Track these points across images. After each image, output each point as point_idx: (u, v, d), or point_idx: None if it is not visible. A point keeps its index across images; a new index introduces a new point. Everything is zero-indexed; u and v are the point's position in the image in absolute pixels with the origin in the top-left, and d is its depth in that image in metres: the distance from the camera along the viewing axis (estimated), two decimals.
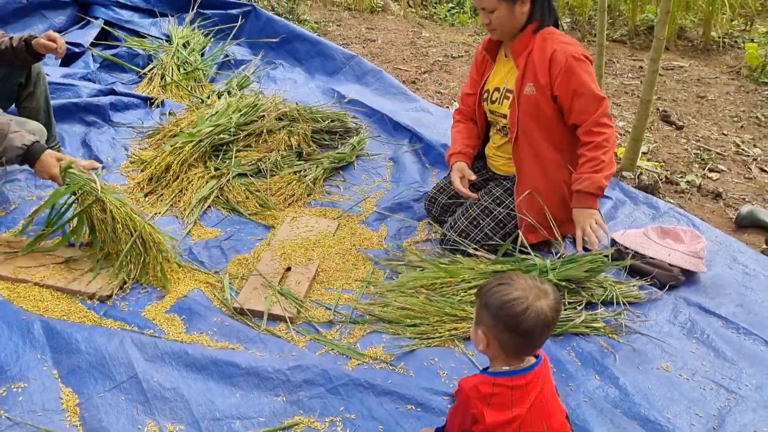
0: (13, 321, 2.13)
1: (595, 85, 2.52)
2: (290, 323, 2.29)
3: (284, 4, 5.98)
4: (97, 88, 3.86)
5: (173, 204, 2.92)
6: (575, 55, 2.49)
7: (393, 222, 2.98)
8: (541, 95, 2.55)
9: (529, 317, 1.53)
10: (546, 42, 2.54)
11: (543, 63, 2.52)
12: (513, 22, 2.56)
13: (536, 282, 1.60)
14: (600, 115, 2.49)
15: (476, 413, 1.57)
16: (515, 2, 2.51)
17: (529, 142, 2.63)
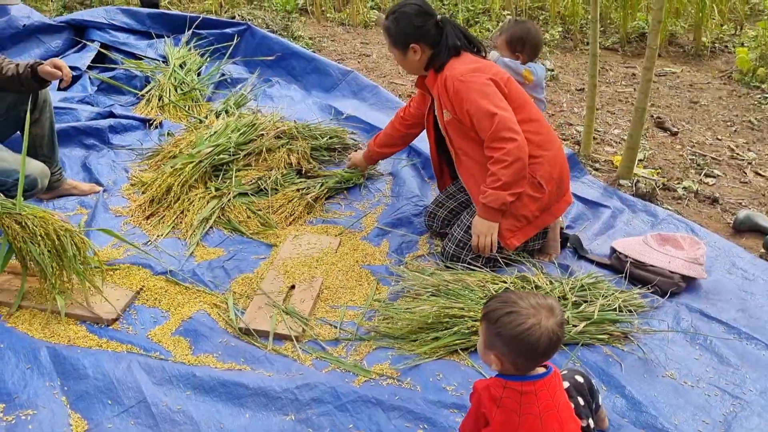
0: (19, 348, 2.14)
1: (488, 101, 2.55)
2: (296, 342, 2.30)
3: (278, 22, 6.02)
4: (95, 111, 3.88)
5: (175, 226, 2.94)
6: (460, 78, 2.60)
7: (394, 237, 3.00)
8: (455, 117, 2.67)
9: (543, 340, 1.59)
10: (444, 71, 2.68)
11: (443, 91, 2.67)
12: (409, 66, 2.80)
13: (539, 299, 1.64)
14: (497, 130, 2.52)
15: (486, 413, 1.63)
16: (405, 52, 2.73)
17: (470, 157, 2.73)
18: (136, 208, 3.04)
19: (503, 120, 2.51)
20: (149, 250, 2.77)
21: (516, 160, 2.53)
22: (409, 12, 2.68)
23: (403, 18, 2.68)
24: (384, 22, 2.76)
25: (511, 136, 2.51)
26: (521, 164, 2.55)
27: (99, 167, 3.41)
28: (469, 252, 2.70)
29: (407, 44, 2.69)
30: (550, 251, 2.89)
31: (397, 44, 2.73)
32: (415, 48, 2.69)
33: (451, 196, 3.00)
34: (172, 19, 5.05)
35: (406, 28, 2.68)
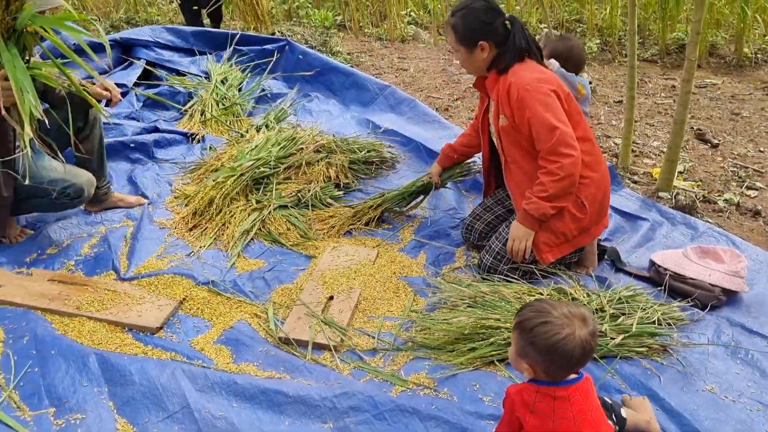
0: (69, 354, 2.22)
1: (551, 114, 2.53)
2: (335, 351, 2.34)
3: (317, 37, 6.12)
4: (141, 126, 4.02)
5: (217, 237, 3.01)
6: (527, 87, 2.55)
7: (431, 249, 3.03)
8: (512, 124, 2.63)
9: (577, 349, 1.60)
10: (507, 76, 2.63)
11: (504, 96, 2.62)
12: (474, 64, 2.72)
13: (572, 308, 1.65)
14: (556, 143, 2.52)
15: (520, 418, 1.65)
16: (473, 49, 2.65)
17: (519, 167, 2.72)
18: (180, 220, 3.12)
19: (564, 134, 2.52)
20: (192, 261, 2.85)
21: (568, 176, 2.54)
22: (478, 8, 2.63)
23: (471, 14, 2.62)
24: (450, 19, 2.68)
25: (569, 152, 2.52)
26: (571, 181, 2.57)
27: (144, 181, 3.52)
28: (506, 264, 2.71)
29: (476, 41, 2.63)
30: (588, 264, 2.89)
31: (464, 41, 2.65)
32: (483, 45, 2.63)
33: (489, 209, 3.01)
34: (214, 36, 5.19)
35: (474, 24, 2.62)
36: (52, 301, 2.51)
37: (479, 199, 3.34)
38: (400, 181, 3.64)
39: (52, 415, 2.01)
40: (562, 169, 2.53)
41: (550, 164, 2.54)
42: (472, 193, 3.52)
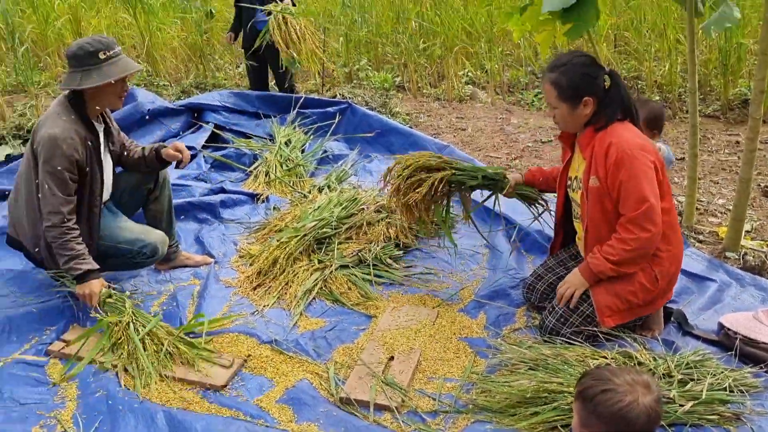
0: (138, 411, 2.30)
1: (647, 184, 2.49)
2: (396, 412, 2.34)
3: (377, 99, 6.29)
4: (208, 187, 4.19)
5: (280, 296, 3.08)
6: (628, 151, 2.50)
7: (491, 309, 3.02)
8: (603, 188, 2.58)
9: (642, 417, 1.57)
10: (606, 135, 2.58)
11: (601, 156, 2.56)
12: (575, 121, 2.66)
13: (634, 375, 1.63)
14: (640, 216, 2.49)
15: None
16: (576, 105, 2.60)
17: (596, 230, 2.67)
18: (244, 279, 3.21)
19: (651, 209, 2.49)
20: (256, 319, 2.91)
21: (640, 250, 2.53)
22: (582, 62, 2.61)
23: (575, 69, 2.59)
24: (549, 75, 2.63)
25: (649, 228, 2.50)
26: (642, 254, 2.56)
27: (210, 240, 3.64)
28: (569, 327, 2.67)
29: (580, 97, 2.58)
30: (653, 326, 2.82)
31: (567, 97, 2.60)
32: (587, 101, 2.59)
33: (551, 269, 3.00)
34: (278, 100, 5.40)
35: (579, 80, 2.58)
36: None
37: (539, 260, 3.33)
38: (460, 241, 3.66)
39: None
40: (637, 242, 2.52)
41: (627, 233, 2.52)
42: (532, 254, 3.51)
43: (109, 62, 2.77)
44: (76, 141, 2.76)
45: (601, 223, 2.65)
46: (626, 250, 2.53)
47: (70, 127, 2.76)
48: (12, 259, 3.30)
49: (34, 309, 2.91)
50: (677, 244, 2.70)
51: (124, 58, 2.84)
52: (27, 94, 6.49)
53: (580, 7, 3.08)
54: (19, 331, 2.77)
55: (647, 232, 2.50)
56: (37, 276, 3.16)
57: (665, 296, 2.76)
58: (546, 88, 2.67)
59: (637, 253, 2.55)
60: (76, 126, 2.79)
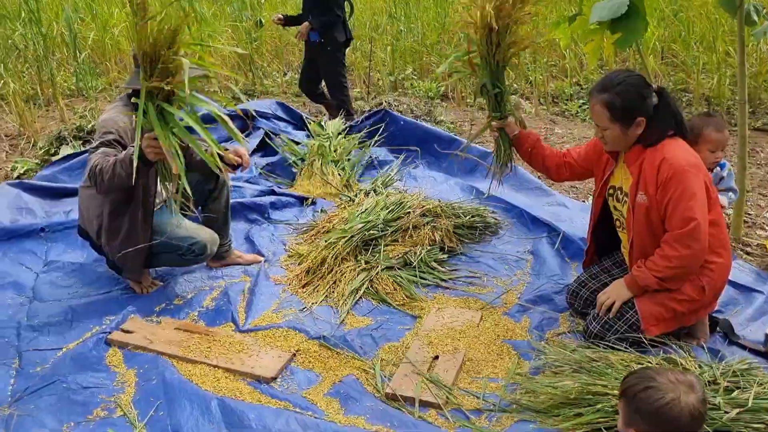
0: (193, 398, 2.39)
1: (695, 203, 2.48)
2: (441, 409, 2.39)
3: (422, 107, 6.36)
4: (258, 189, 4.31)
5: (328, 295, 3.17)
6: (681, 168, 2.51)
7: (535, 314, 3.05)
8: (651, 204, 2.60)
9: (685, 416, 1.60)
10: (657, 151, 2.59)
11: (652, 172, 2.57)
12: (625, 141, 2.65)
13: (678, 375, 1.65)
14: (686, 234, 2.50)
15: None
16: (629, 126, 2.59)
17: (643, 250, 2.68)
18: (293, 277, 3.31)
19: (697, 229, 2.50)
20: (305, 316, 3.00)
21: (683, 267, 2.56)
22: (635, 83, 2.58)
23: (630, 90, 2.56)
24: (601, 96, 2.59)
25: (693, 246, 2.51)
26: (686, 272, 2.58)
27: (260, 240, 3.75)
28: (614, 334, 2.69)
29: (633, 117, 2.57)
30: (699, 335, 2.82)
31: (621, 118, 2.58)
32: (640, 121, 2.58)
33: (595, 276, 3.02)
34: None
35: (634, 100, 2.56)
36: (178, 348, 2.71)
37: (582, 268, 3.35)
38: (504, 246, 3.71)
39: None
40: (681, 260, 2.54)
41: (672, 250, 2.55)
42: (575, 260, 3.53)
43: None
44: (127, 125, 2.90)
45: (646, 237, 2.68)
46: (670, 267, 2.56)
47: (123, 116, 2.92)
48: (74, 252, 3.46)
49: (94, 300, 3.05)
50: (726, 256, 2.70)
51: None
52: (86, 99, 6.75)
53: (629, 17, 3.11)
54: (80, 320, 2.92)
55: (690, 250, 2.52)
56: (97, 269, 3.31)
57: (710, 306, 2.77)
58: (597, 110, 2.63)
59: (681, 271, 2.57)
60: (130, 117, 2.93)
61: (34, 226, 3.68)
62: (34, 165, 4.83)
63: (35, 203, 4.05)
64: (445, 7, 8.24)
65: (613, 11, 3.07)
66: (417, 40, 8.16)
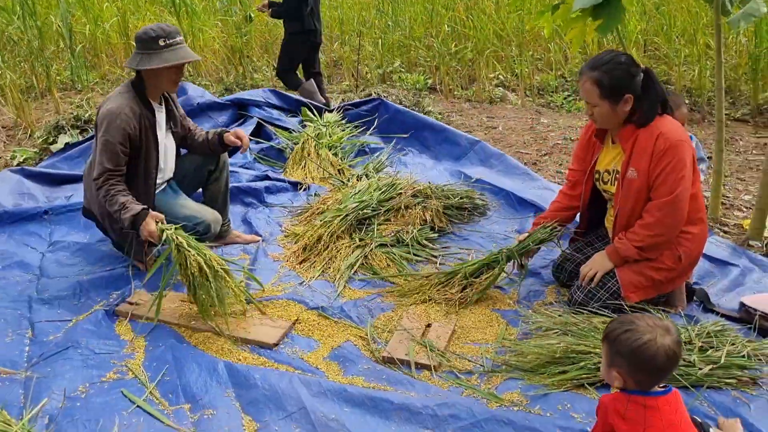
0: (201, 361, 2.53)
1: (683, 176, 2.65)
2: (434, 370, 2.54)
3: (410, 98, 6.51)
4: (254, 174, 4.45)
5: (325, 270, 3.31)
6: (678, 142, 2.66)
7: (523, 286, 3.20)
8: (642, 180, 2.74)
9: (660, 356, 1.76)
10: (652, 128, 2.73)
11: (648, 145, 2.71)
12: (614, 118, 2.78)
13: (656, 321, 1.82)
14: (669, 203, 2.67)
15: (613, 424, 1.79)
16: (617, 102, 2.72)
17: (627, 221, 2.84)
18: (291, 254, 3.45)
19: (680, 198, 2.67)
20: (303, 289, 3.14)
21: (662, 236, 2.73)
22: (623, 62, 2.71)
23: (618, 68, 2.70)
24: (592, 73, 2.72)
25: (674, 215, 2.69)
26: (665, 239, 2.75)
27: (257, 221, 3.88)
28: (596, 302, 2.85)
29: (622, 94, 2.70)
30: (677, 303, 2.98)
31: (609, 95, 2.71)
32: (628, 98, 2.71)
33: (579, 249, 3.18)
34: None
35: (621, 78, 2.69)
36: (183, 317, 2.84)
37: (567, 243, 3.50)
38: (492, 226, 3.87)
39: (188, 410, 2.30)
40: (660, 227, 2.71)
41: (651, 217, 2.71)
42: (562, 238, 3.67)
43: (168, 49, 3.04)
44: (130, 116, 3.03)
45: (630, 210, 2.83)
46: (649, 236, 2.73)
47: (126, 104, 3.04)
48: (78, 233, 3.58)
49: (100, 276, 3.17)
50: (702, 227, 2.87)
51: (182, 47, 3.11)
52: (79, 92, 6.84)
53: (609, 4, 3.27)
54: (88, 294, 3.04)
55: (670, 218, 2.70)
56: (101, 248, 3.43)
57: (686, 275, 2.94)
58: (586, 87, 2.75)
59: (661, 239, 2.74)
60: (133, 103, 3.06)
61: (37, 210, 3.79)
62: (32, 154, 4.93)
63: (36, 189, 4.16)
64: (432, 1, 8.39)
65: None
66: (404, 34, 8.31)
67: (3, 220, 3.68)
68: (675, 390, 1.85)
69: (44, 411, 2.27)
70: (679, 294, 2.99)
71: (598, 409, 1.89)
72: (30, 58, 6.59)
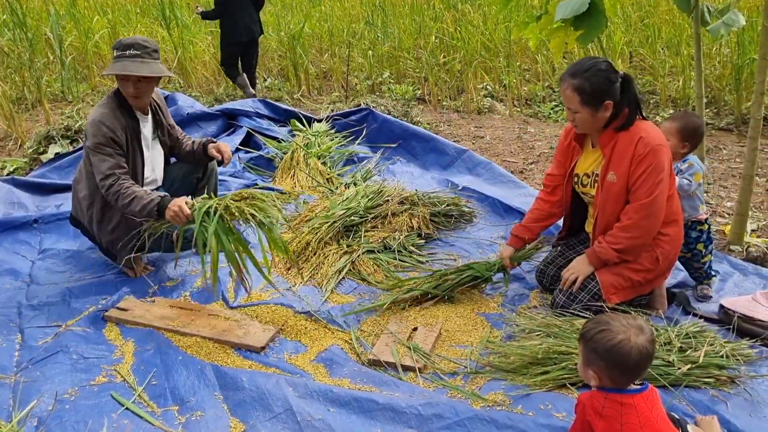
0: (189, 364, 2.58)
1: (661, 180, 2.70)
2: (419, 372, 2.59)
3: (399, 108, 6.57)
4: (243, 182, 4.49)
5: (312, 276, 3.35)
6: (656, 146, 2.71)
7: (507, 291, 3.25)
8: (621, 183, 2.80)
9: (634, 354, 1.81)
10: (632, 132, 2.78)
11: (629, 149, 2.76)
12: (594, 123, 2.82)
13: (630, 320, 1.87)
14: (646, 206, 2.72)
15: (590, 421, 1.83)
16: (598, 109, 2.76)
17: (606, 225, 2.90)
18: (279, 260, 3.48)
19: (657, 201, 2.73)
20: (291, 295, 3.18)
21: (640, 238, 2.79)
22: (603, 68, 2.74)
23: (599, 75, 2.73)
24: (572, 81, 2.76)
25: (650, 217, 2.74)
26: (643, 242, 2.80)
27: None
28: (578, 304, 2.90)
29: (602, 101, 2.74)
30: (657, 306, 3.04)
31: (590, 102, 2.74)
32: (608, 104, 2.74)
33: (561, 254, 3.23)
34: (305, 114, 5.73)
35: (602, 85, 2.72)
36: (172, 322, 2.87)
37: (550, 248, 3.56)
38: (478, 233, 3.92)
39: (177, 412, 2.34)
40: (638, 229, 2.77)
41: (629, 220, 2.77)
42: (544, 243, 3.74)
43: (117, 60, 3.10)
44: (114, 124, 3.07)
45: (610, 213, 2.89)
46: (627, 238, 2.78)
47: (109, 113, 3.09)
48: (67, 241, 3.61)
49: (90, 283, 3.20)
50: (678, 229, 2.93)
51: (130, 60, 3.08)
52: (69, 102, 6.88)
53: (590, 15, 3.35)
54: (78, 300, 3.07)
55: (647, 220, 2.75)
56: (91, 255, 3.46)
57: (664, 275, 3.00)
58: (567, 94, 2.78)
59: (639, 241, 2.80)
60: (116, 113, 3.12)
61: (27, 218, 3.82)
62: (23, 164, 4.96)
63: (27, 198, 4.19)
64: (420, 13, 8.49)
65: (575, 9, 3.30)
66: (393, 45, 8.40)
67: None
68: (652, 387, 1.90)
69: (33, 413, 2.30)
70: (659, 297, 3.05)
71: (577, 407, 1.94)
72: (21, 70, 6.63)
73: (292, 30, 8.21)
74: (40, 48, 7.61)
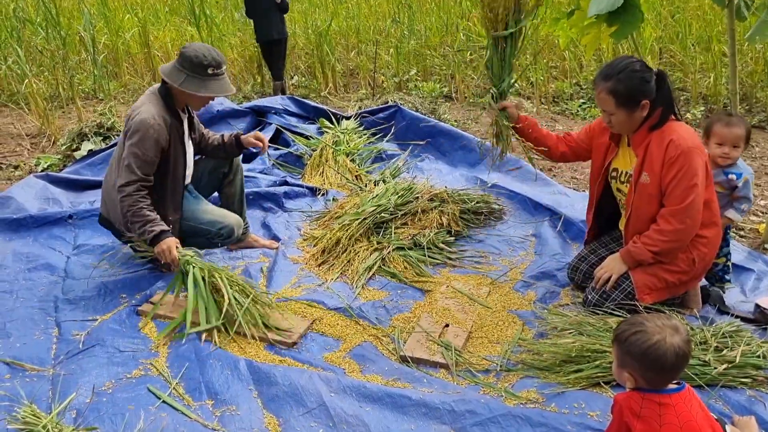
0: (223, 359, 2.60)
1: (696, 182, 2.66)
2: (452, 369, 2.59)
3: (426, 105, 6.56)
4: (272, 179, 4.51)
5: (343, 272, 3.36)
6: (689, 149, 2.67)
7: (539, 288, 3.24)
8: (654, 184, 2.77)
9: (670, 355, 1.79)
10: (664, 133, 2.75)
11: (660, 152, 2.73)
12: (630, 124, 2.80)
13: (664, 320, 1.85)
14: (682, 210, 2.68)
15: (628, 423, 1.81)
16: (635, 110, 2.74)
17: (639, 227, 2.87)
18: (310, 257, 3.51)
19: (693, 205, 2.69)
20: (322, 290, 3.19)
21: (677, 242, 2.75)
22: (637, 69, 2.71)
23: (633, 76, 2.70)
24: (606, 84, 2.73)
25: (687, 221, 2.71)
26: (679, 245, 2.77)
27: (276, 225, 3.95)
28: (611, 302, 2.88)
29: (638, 101, 2.71)
30: (692, 305, 3.01)
31: (626, 103, 2.71)
32: (645, 104, 2.72)
33: (594, 251, 3.21)
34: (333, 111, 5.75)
35: (636, 85, 2.70)
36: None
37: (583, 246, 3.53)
38: (508, 230, 3.91)
39: (211, 406, 2.36)
40: (675, 234, 2.73)
41: (667, 224, 2.73)
42: (576, 241, 3.72)
43: (214, 79, 3.10)
44: (162, 127, 3.09)
45: (643, 214, 2.86)
46: (665, 241, 2.75)
47: (159, 114, 3.10)
48: (101, 237, 3.66)
49: (124, 278, 3.24)
50: (716, 230, 2.89)
51: (224, 78, 3.17)
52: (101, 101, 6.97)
53: (625, 10, 3.30)
54: (112, 295, 3.11)
55: (684, 225, 2.72)
56: (124, 251, 3.51)
57: (699, 278, 2.97)
58: (602, 97, 2.76)
59: (675, 245, 2.77)
60: (165, 114, 3.13)
61: (62, 214, 3.88)
62: (56, 161, 5.04)
63: (61, 194, 4.26)
64: (447, 11, 8.46)
65: (610, 4, 3.26)
66: (420, 43, 8.38)
67: (29, 224, 3.78)
68: (689, 386, 1.88)
69: (72, 406, 2.34)
70: (694, 296, 3.02)
71: (613, 408, 1.92)
72: (54, 68, 6.73)
73: (319, 27, 8.22)
74: (73, 46, 7.72)
